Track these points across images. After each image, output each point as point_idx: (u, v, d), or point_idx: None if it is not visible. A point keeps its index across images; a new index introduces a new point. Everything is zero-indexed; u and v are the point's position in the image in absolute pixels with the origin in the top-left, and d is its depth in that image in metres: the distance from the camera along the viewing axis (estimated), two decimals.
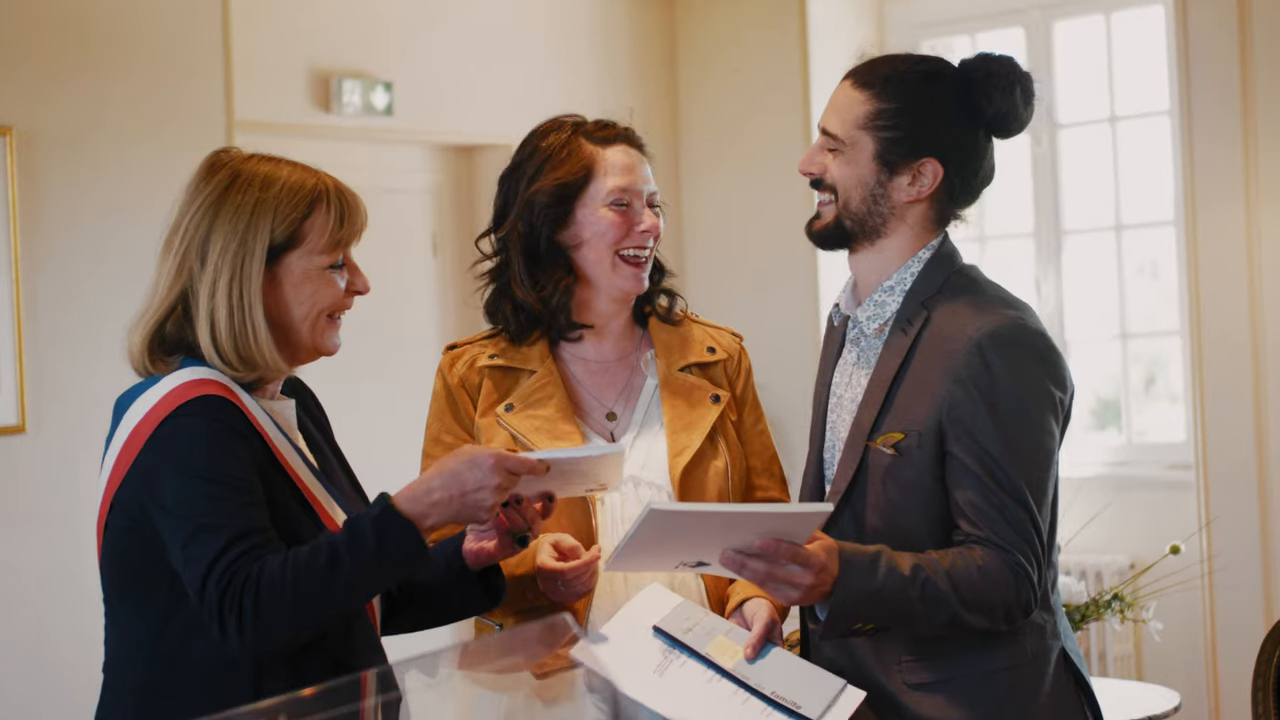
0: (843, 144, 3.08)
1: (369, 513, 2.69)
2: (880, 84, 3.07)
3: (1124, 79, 7.27)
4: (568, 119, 3.45)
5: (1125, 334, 7.28)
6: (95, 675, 2.86)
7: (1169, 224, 7.09)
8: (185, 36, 5.96)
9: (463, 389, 3.32)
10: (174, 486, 2.65)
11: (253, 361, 2.77)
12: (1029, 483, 2.96)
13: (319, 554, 2.63)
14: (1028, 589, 2.96)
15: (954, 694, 3.01)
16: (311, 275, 2.81)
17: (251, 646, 2.62)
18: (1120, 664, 6.77)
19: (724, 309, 7.81)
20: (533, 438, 3.22)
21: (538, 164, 3.36)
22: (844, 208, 3.10)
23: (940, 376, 2.99)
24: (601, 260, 3.31)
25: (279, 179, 2.80)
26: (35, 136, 5.58)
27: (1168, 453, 7.10)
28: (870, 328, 3.12)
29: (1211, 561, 6.20)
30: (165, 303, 2.81)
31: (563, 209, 3.31)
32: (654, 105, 7.80)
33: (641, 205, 3.33)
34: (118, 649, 2.79)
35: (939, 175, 3.08)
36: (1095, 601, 4.62)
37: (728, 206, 7.77)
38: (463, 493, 2.72)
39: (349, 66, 6.65)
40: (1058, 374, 3.02)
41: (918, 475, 3.00)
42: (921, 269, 3.11)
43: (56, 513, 5.55)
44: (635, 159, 3.36)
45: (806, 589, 2.84)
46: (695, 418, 3.31)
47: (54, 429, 5.57)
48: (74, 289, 5.64)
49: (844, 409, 3.15)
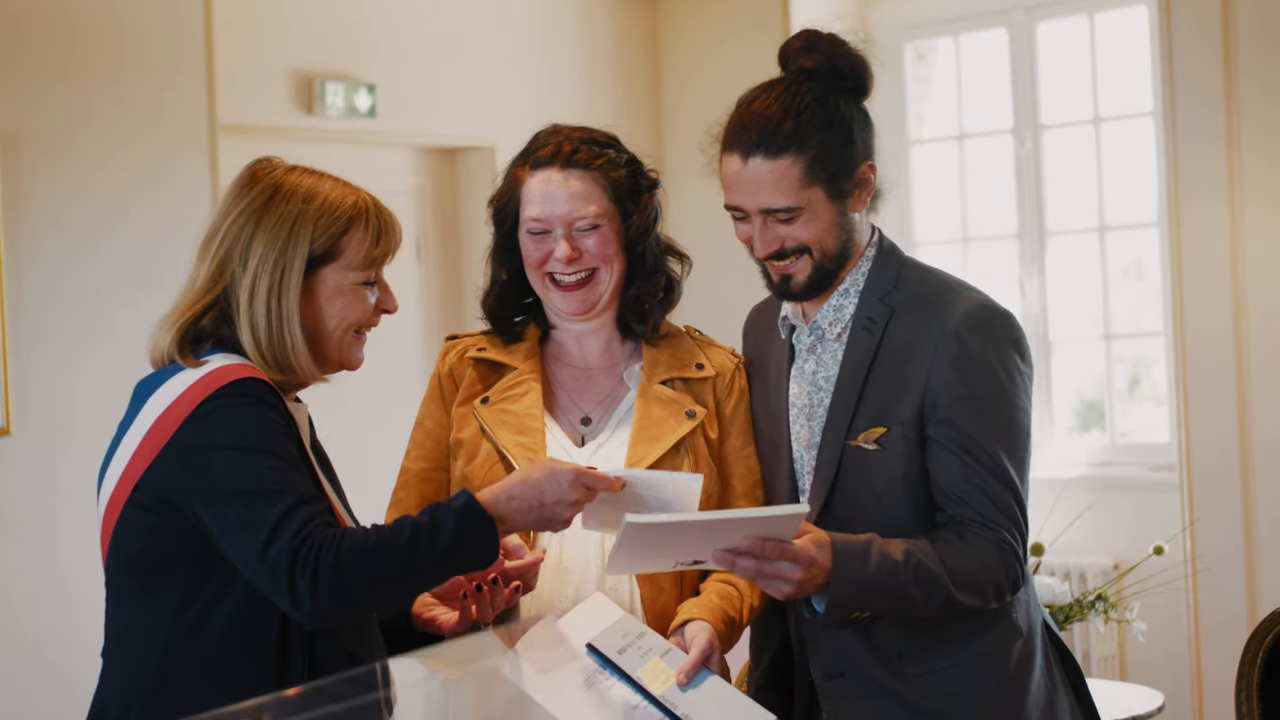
0: (796, 209, 3.08)
1: (452, 504, 2.75)
2: (791, 140, 3.06)
3: (1108, 80, 7.28)
4: (543, 130, 3.41)
5: (1109, 335, 7.29)
6: (77, 675, 2.86)
7: (1153, 225, 7.10)
8: (168, 39, 5.95)
9: (450, 378, 3.34)
10: (223, 461, 2.67)
11: (290, 368, 2.83)
12: (1009, 459, 3.01)
13: (400, 532, 2.69)
14: (1014, 564, 3.01)
15: (958, 678, 3.05)
16: (344, 290, 2.87)
17: (318, 611, 2.63)
18: (1104, 664, 6.78)
19: (708, 312, 7.80)
20: (498, 432, 3.23)
21: (499, 179, 3.40)
22: (821, 257, 3.11)
23: (918, 367, 3.03)
24: (535, 282, 3.32)
25: (321, 193, 2.85)
26: (19, 139, 5.58)
27: (1151, 453, 7.11)
28: (832, 332, 3.15)
29: (1195, 562, 6.21)
30: (204, 300, 2.83)
31: (504, 228, 3.34)
32: (637, 107, 7.80)
33: (561, 233, 3.26)
34: (127, 631, 2.79)
35: (874, 170, 3.13)
36: (1079, 602, 4.63)
37: (713, 209, 7.74)
38: (541, 504, 2.81)
39: (332, 69, 6.64)
40: (1024, 350, 3.09)
41: (904, 466, 3.04)
42: (870, 267, 3.16)
43: (40, 515, 5.55)
44: (559, 183, 3.28)
45: (798, 583, 2.86)
46: (663, 430, 3.26)
47: (38, 431, 5.56)
48: (58, 291, 5.63)
49: (812, 416, 3.16)
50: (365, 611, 2.79)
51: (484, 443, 3.24)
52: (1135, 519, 6.79)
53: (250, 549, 2.64)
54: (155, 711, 2.69)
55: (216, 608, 2.72)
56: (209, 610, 2.72)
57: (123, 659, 2.79)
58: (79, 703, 3.03)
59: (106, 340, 5.64)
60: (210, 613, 2.72)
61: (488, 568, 2.84)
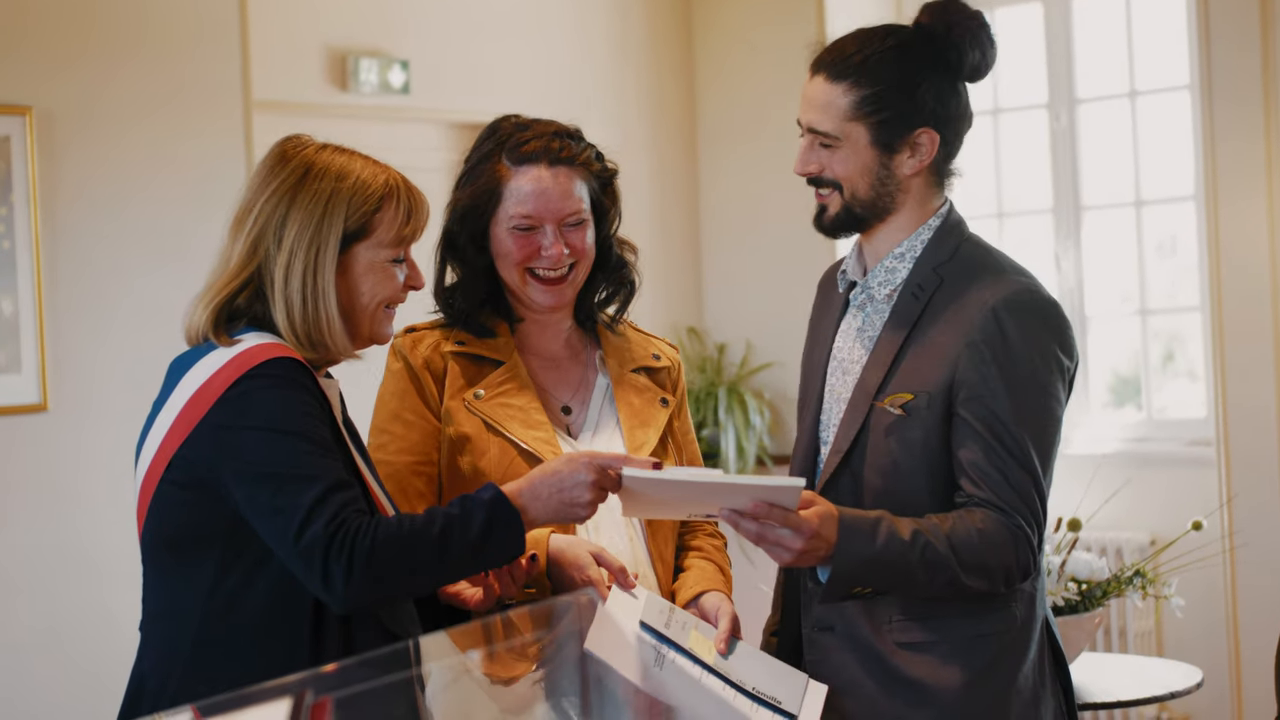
0: (836, 139, 3.12)
1: (481, 496, 2.79)
2: (855, 71, 3.10)
3: (1144, 53, 7.23)
4: (507, 123, 3.39)
5: (1145, 310, 7.25)
6: (113, 650, 2.87)
7: (1189, 199, 7.06)
8: (202, 15, 5.96)
9: (427, 370, 3.33)
10: (256, 442, 2.70)
11: (324, 345, 2.85)
12: (1035, 446, 3.00)
13: (433, 523, 2.73)
14: (1027, 552, 3.00)
15: (943, 655, 3.04)
16: (376, 267, 2.89)
17: (350, 595, 2.67)
18: (1141, 640, 6.76)
19: (741, 289, 7.80)
20: (508, 425, 3.26)
21: (465, 171, 3.39)
22: (851, 197, 3.14)
23: (953, 340, 3.03)
24: (512, 277, 3.34)
25: (353, 171, 2.87)
26: (54, 116, 5.59)
27: (1188, 429, 7.08)
28: (881, 293, 3.17)
29: (1233, 538, 6.18)
30: (238, 279, 2.85)
31: (478, 225, 3.35)
32: (670, 84, 7.78)
33: (551, 229, 3.30)
34: (163, 606, 2.82)
35: (936, 141, 3.12)
36: (1116, 578, 4.61)
37: (745, 186, 7.75)
38: (560, 488, 2.84)
39: (366, 45, 6.64)
40: (1067, 342, 3.08)
41: (924, 436, 3.04)
42: (932, 236, 3.16)
43: (77, 490, 5.57)
44: (549, 181, 3.30)
45: (798, 552, 2.88)
46: (649, 416, 3.39)
47: (74, 408, 5.58)
48: (93, 268, 5.65)
49: (846, 371, 3.18)
50: (394, 598, 2.81)
51: (493, 438, 3.26)
52: (1172, 495, 6.76)
53: (283, 533, 2.67)
54: (192, 685, 2.70)
55: (252, 583, 2.74)
56: (244, 586, 2.74)
57: (160, 633, 2.82)
58: (114, 677, 3.04)
59: (140, 317, 5.66)
60: (245, 588, 2.74)
61: (513, 559, 2.85)
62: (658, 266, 7.74)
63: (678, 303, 7.80)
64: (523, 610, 2.96)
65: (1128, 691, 4.61)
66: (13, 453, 5.50)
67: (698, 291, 7.90)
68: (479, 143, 3.41)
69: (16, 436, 5.50)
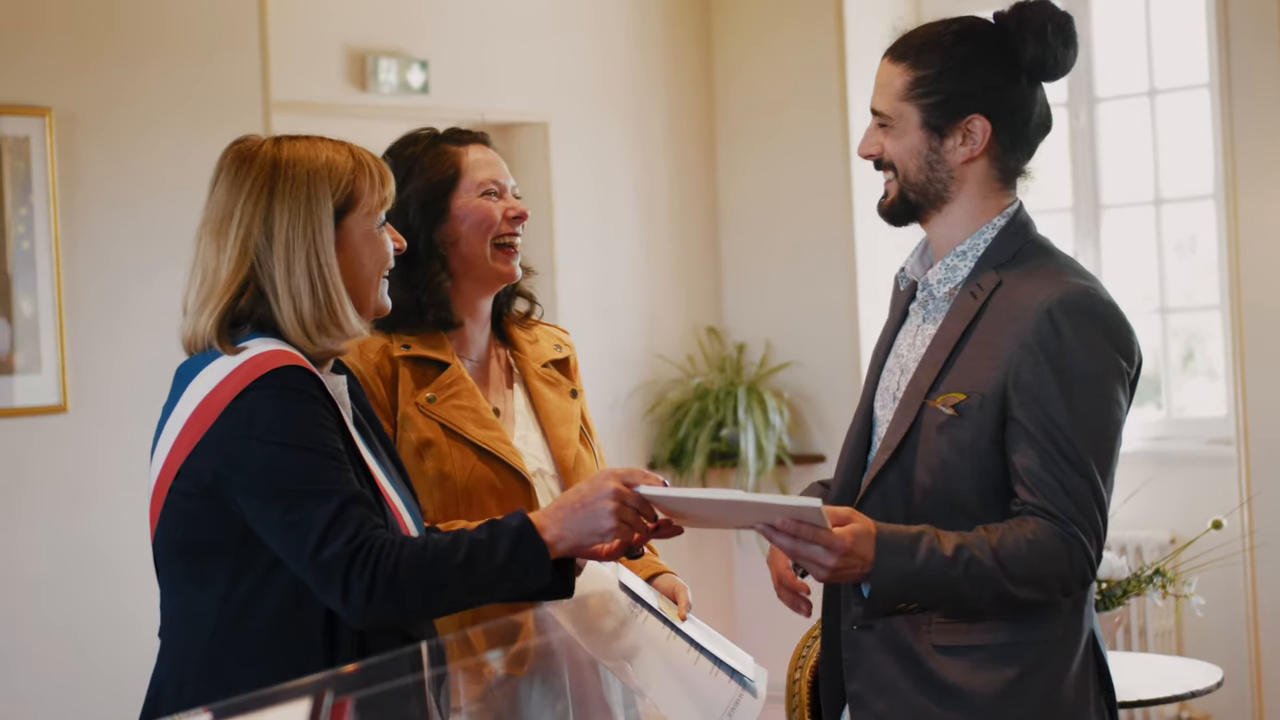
0: (891, 119, 3.11)
1: (510, 523, 2.78)
2: (914, 53, 3.10)
3: (1163, 51, 7.22)
4: (422, 132, 3.58)
5: (1164, 308, 7.24)
6: (134, 650, 2.88)
7: (1208, 198, 7.05)
8: (222, 15, 5.97)
9: (377, 376, 3.38)
10: (265, 455, 2.68)
11: (338, 329, 2.82)
12: (1094, 452, 2.94)
13: (458, 548, 2.72)
14: (1083, 561, 2.93)
15: (981, 660, 2.99)
16: (370, 235, 2.88)
17: (369, 612, 2.67)
18: (1161, 639, 6.75)
19: (760, 288, 7.80)
20: (464, 427, 3.34)
21: (404, 171, 3.46)
22: (904, 180, 3.12)
23: (1008, 341, 2.98)
24: (478, 251, 3.45)
25: (320, 151, 2.86)
26: (73, 117, 5.60)
27: (1208, 427, 7.07)
28: (940, 291, 3.13)
29: (1253, 537, 6.17)
30: (233, 286, 2.81)
31: (438, 206, 3.46)
32: (689, 84, 7.78)
33: (509, 194, 3.50)
34: (177, 614, 2.82)
35: (988, 130, 3.08)
36: (1136, 577, 4.60)
37: (764, 186, 7.75)
38: (582, 503, 2.81)
39: (385, 45, 6.65)
40: (1126, 345, 3.02)
41: (975, 437, 2.98)
42: (996, 235, 3.12)
43: (96, 491, 5.58)
44: (494, 156, 3.54)
45: (832, 569, 2.85)
46: (566, 412, 3.52)
47: (94, 408, 5.59)
48: (113, 269, 5.66)
49: (902, 369, 3.15)
50: (410, 618, 2.80)
51: (454, 442, 3.33)
52: (1191, 493, 6.75)
53: (298, 548, 2.66)
54: (208, 692, 2.70)
55: (265, 590, 2.73)
56: (257, 592, 2.74)
57: (175, 640, 2.82)
58: (131, 676, 3.05)
59: (160, 318, 5.65)
60: (258, 595, 2.74)
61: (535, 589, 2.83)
62: (677, 266, 7.74)
63: (697, 302, 7.80)
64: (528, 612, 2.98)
65: (1148, 690, 4.60)
66: (32, 453, 5.51)
67: (717, 291, 7.90)
68: (402, 148, 3.52)
69: (36, 437, 5.51)
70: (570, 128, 7.23)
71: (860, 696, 3.09)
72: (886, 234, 7.38)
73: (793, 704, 3.75)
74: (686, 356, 7.72)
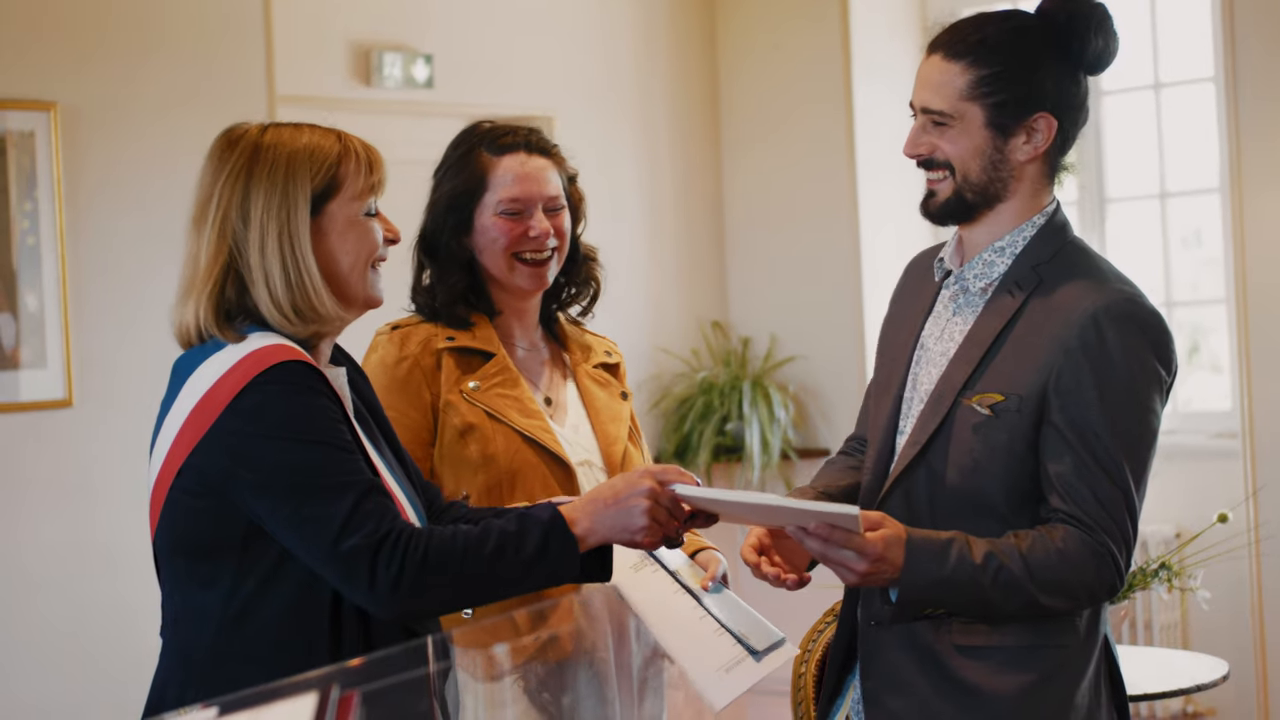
0: (950, 118, 3.04)
1: (539, 515, 2.77)
2: (972, 51, 3.04)
3: (1168, 46, 7.22)
4: (482, 125, 3.59)
5: (1169, 302, 7.24)
6: (134, 646, 2.88)
7: (1214, 192, 7.04)
8: (226, 10, 5.96)
9: (417, 367, 3.42)
10: (275, 451, 2.66)
11: (314, 313, 2.78)
12: (1130, 462, 2.93)
13: (487, 539, 2.71)
14: (1110, 571, 2.92)
15: (1001, 662, 2.97)
16: (354, 222, 2.83)
17: (395, 602, 2.66)
18: (1166, 633, 6.75)
19: (765, 283, 7.80)
20: (507, 414, 3.38)
21: (443, 171, 3.54)
22: (963, 180, 3.06)
23: (1050, 344, 2.95)
24: (498, 264, 3.48)
25: (303, 136, 2.84)
26: (78, 112, 5.60)
27: (1213, 421, 7.07)
28: (975, 285, 3.10)
29: (1258, 530, 6.16)
30: (214, 272, 2.79)
31: (462, 215, 3.50)
32: (694, 78, 7.78)
33: (536, 211, 3.48)
34: (180, 613, 2.80)
35: (1053, 128, 3.07)
36: (1142, 570, 4.60)
37: (769, 182, 7.75)
38: (615, 499, 2.79)
39: (389, 40, 6.65)
40: (1166, 355, 2.99)
41: (1009, 440, 2.95)
42: (1035, 234, 3.09)
43: (101, 486, 5.58)
44: (532, 166, 3.51)
45: (862, 574, 2.84)
46: (616, 411, 3.57)
47: (99, 403, 5.59)
48: (117, 264, 5.66)
49: (932, 362, 3.11)
50: (435, 608, 2.79)
51: (498, 426, 3.37)
52: (1197, 487, 6.75)
53: (319, 541, 2.64)
54: (212, 693, 2.68)
55: (268, 590, 2.71)
56: (260, 592, 2.72)
57: (178, 640, 2.80)
58: (134, 673, 3.05)
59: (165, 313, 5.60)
60: (262, 595, 2.72)
61: (564, 583, 2.82)
62: (682, 261, 7.74)
63: (702, 297, 7.80)
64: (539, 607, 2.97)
65: (1153, 684, 4.61)
66: (38, 448, 5.51)
67: (722, 286, 7.89)
68: (455, 144, 3.56)
69: (42, 432, 5.51)
70: (575, 122, 7.22)
71: (874, 693, 3.08)
72: (891, 228, 7.40)
73: (798, 698, 3.75)
74: (691, 351, 7.72)
